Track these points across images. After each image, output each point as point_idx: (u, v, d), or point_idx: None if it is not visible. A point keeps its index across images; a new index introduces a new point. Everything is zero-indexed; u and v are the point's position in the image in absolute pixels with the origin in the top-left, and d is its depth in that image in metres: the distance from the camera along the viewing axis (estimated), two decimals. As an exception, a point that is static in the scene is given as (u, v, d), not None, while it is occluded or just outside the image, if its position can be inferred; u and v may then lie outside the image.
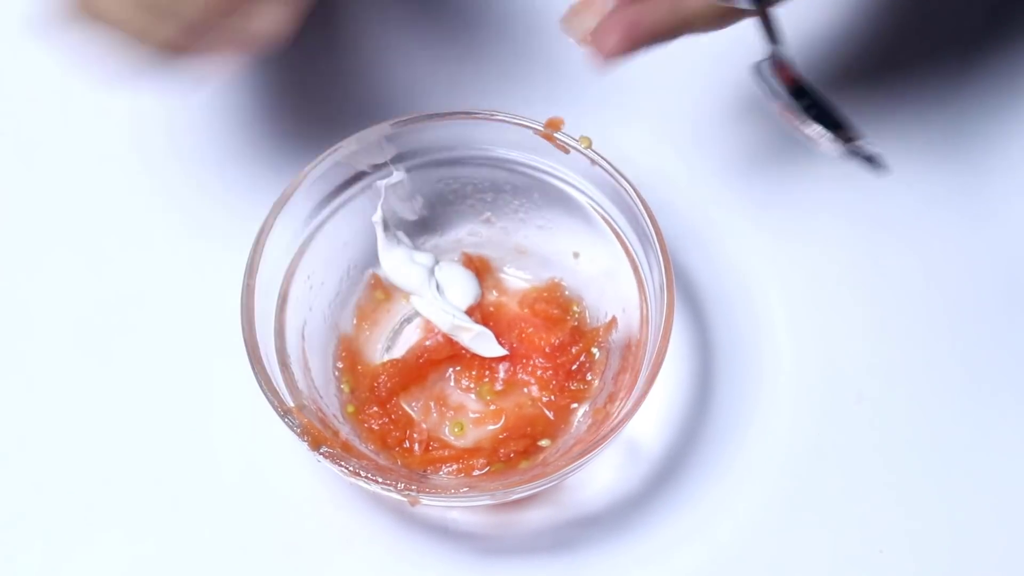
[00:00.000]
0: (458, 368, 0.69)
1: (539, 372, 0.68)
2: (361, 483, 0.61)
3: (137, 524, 0.66)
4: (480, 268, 0.70)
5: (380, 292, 0.70)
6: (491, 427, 0.68)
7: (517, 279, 0.71)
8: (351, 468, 0.61)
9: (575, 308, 0.70)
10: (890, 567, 0.66)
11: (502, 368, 0.68)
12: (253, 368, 0.62)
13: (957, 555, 0.66)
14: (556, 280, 0.70)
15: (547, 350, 0.68)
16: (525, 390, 0.68)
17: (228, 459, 0.67)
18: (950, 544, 0.67)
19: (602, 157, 0.65)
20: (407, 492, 0.61)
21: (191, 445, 0.68)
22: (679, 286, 0.70)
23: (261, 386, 0.61)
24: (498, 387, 0.68)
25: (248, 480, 0.67)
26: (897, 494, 0.67)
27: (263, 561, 0.66)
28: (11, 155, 0.74)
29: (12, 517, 0.66)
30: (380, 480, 0.60)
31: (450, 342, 0.69)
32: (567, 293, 0.70)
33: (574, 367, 0.68)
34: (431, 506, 0.66)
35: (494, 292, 0.70)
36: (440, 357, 0.69)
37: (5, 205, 0.73)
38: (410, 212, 0.69)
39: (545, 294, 0.70)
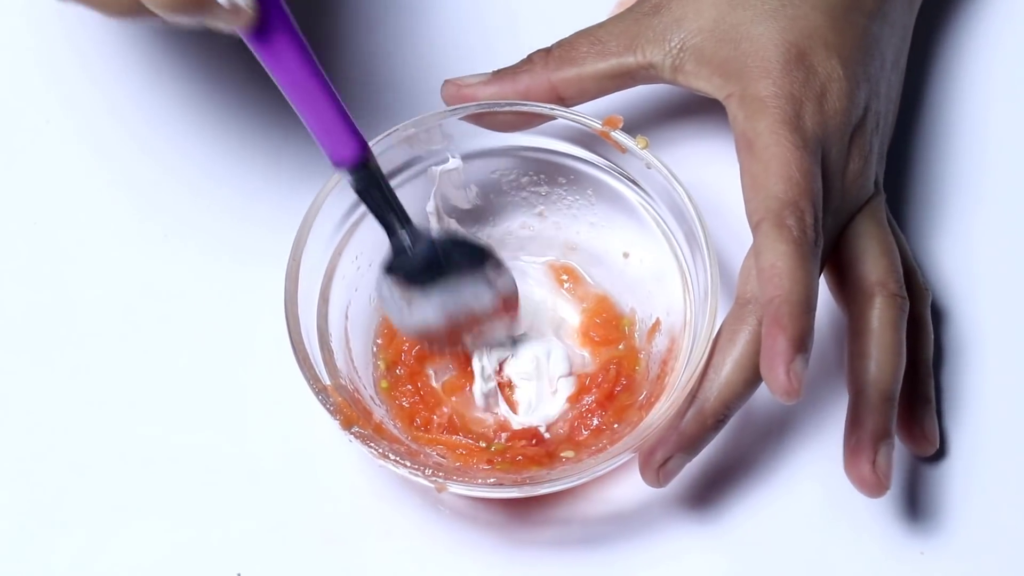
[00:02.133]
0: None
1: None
2: (389, 466, 0.61)
3: (177, 511, 0.66)
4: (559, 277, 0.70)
5: (428, 278, 0.70)
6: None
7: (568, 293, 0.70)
8: (380, 450, 0.61)
9: (626, 325, 0.69)
10: (931, 569, 0.65)
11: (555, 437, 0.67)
12: (292, 343, 0.62)
13: (1000, 557, 0.65)
14: (602, 294, 0.69)
15: (601, 417, 0.67)
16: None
17: (268, 446, 0.67)
18: (993, 546, 0.66)
19: (658, 159, 0.65)
20: (434, 478, 0.61)
21: (232, 433, 0.68)
22: (723, 293, 0.69)
23: (298, 362, 0.62)
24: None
25: (288, 467, 0.67)
26: (939, 494, 0.66)
27: (303, 550, 0.66)
28: (60, 145, 0.74)
29: (52, 504, 0.66)
30: (408, 464, 0.60)
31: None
32: (615, 307, 0.69)
33: (618, 389, 0.67)
34: (459, 494, 0.65)
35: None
36: None
37: (49, 194, 0.73)
38: (463, 200, 0.69)
39: (597, 320, 0.68)
